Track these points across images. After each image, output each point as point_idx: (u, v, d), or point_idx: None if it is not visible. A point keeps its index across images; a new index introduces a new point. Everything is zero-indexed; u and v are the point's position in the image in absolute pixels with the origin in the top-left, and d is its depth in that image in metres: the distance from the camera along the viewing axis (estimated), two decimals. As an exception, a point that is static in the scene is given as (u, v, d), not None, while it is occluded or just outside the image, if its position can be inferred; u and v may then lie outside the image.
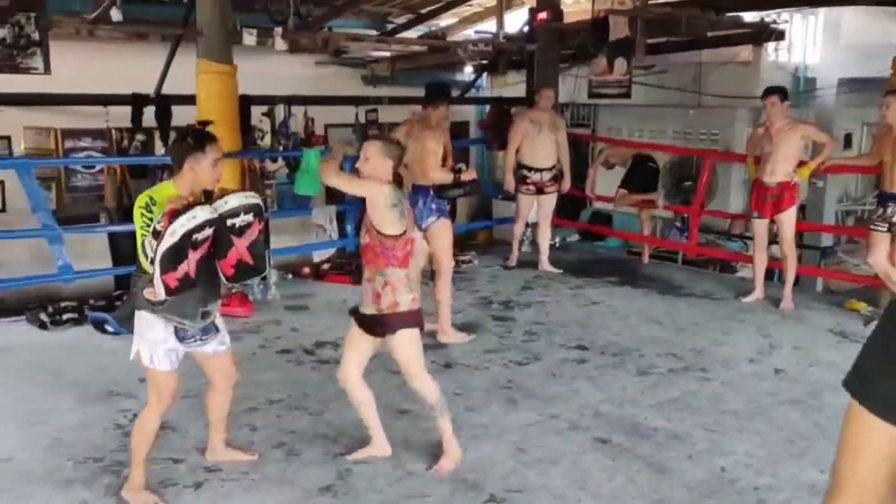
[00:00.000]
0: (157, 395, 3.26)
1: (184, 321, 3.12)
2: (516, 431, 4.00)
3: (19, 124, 8.54)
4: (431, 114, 5.40)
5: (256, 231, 3.17)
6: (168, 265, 2.90)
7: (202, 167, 3.11)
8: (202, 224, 2.95)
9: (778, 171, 6.01)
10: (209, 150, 3.12)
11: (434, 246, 5.28)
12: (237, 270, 3.16)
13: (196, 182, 3.14)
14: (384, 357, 5.03)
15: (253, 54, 7.44)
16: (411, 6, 10.52)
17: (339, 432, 3.97)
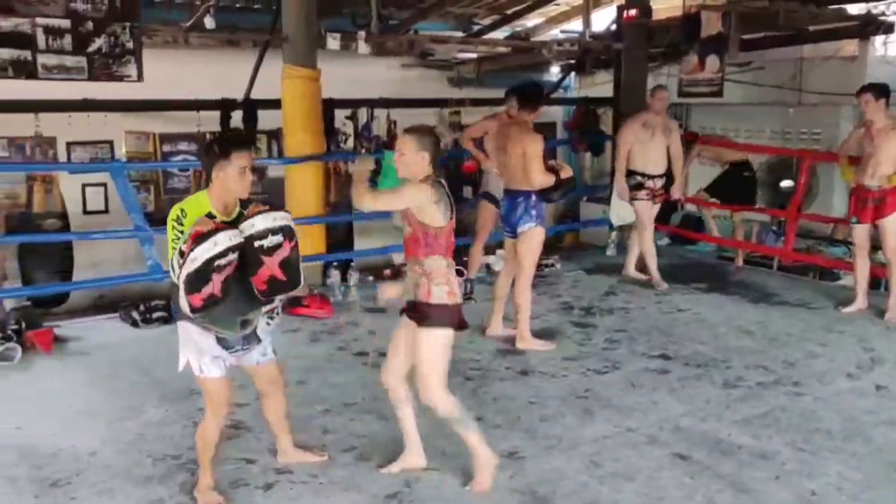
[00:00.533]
0: (212, 403, 3.27)
1: (222, 331, 3.10)
2: (591, 444, 3.87)
3: (121, 129, 8.93)
4: (527, 116, 5.22)
5: (287, 250, 3.07)
6: (192, 288, 2.87)
7: (228, 175, 3.02)
8: (224, 251, 2.88)
9: (880, 174, 5.64)
10: (235, 158, 3.02)
11: (521, 249, 5.17)
12: (269, 286, 3.07)
13: (226, 191, 3.06)
14: (459, 363, 5.00)
15: (339, 58, 7.53)
16: (497, 7, 10.43)
17: (410, 438, 3.92)
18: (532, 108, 5.22)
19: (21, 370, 5.02)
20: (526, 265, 5.20)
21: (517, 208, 5.13)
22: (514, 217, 5.15)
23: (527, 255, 5.18)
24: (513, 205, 5.17)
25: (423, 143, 3.28)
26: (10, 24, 5.55)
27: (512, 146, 5.11)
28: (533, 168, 4.98)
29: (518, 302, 5.27)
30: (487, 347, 5.35)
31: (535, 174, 4.99)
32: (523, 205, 5.12)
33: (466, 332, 5.50)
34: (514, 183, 5.15)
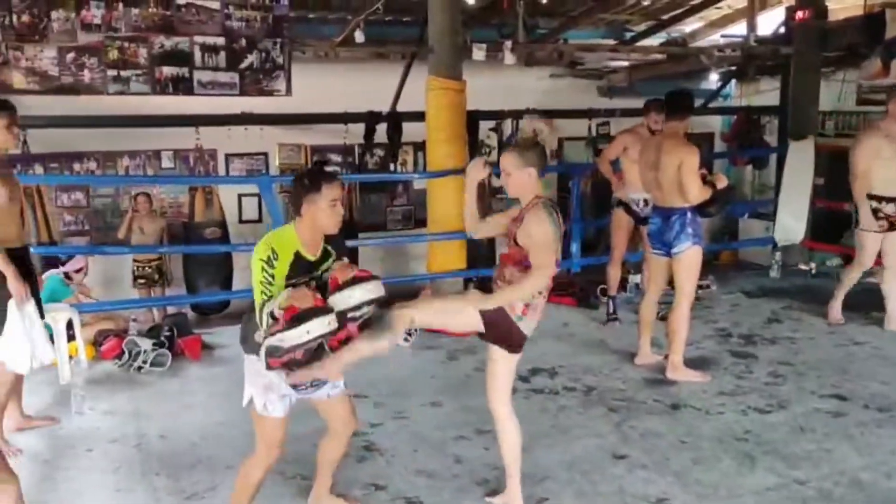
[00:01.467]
0: (266, 444, 3.06)
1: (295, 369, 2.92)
2: (752, 496, 3.45)
3: (275, 142, 9.26)
4: (678, 126, 4.83)
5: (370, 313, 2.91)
6: (274, 355, 2.73)
7: (319, 209, 2.85)
8: (315, 338, 2.72)
9: None
10: (326, 190, 2.85)
11: (678, 271, 4.79)
12: (342, 345, 2.88)
13: (315, 227, 2.90)
14: (604, 392, 4.68)
15: (486, 69, 7.40)
16: (652, 12, 9.96)
17: (548, 472, 3.67)
18: (682, 116, 4.85)
19: (170, 376, 5.18)
20: (685, 288, 4.81)
21: (672, 227, 4.75)
22: (669, 236, 4.77)
23: (686, 278, 4.80)
24: (667, 223, 4.78)
25: (527, 159, 3.08)
26: (171, 42, 5.80)
27: (667, 160, 4.70)
28: (690, 182, 4.60)
29: (674, 328, 4.87)
30: (633, 376, 4.98)
31: (693, 188, 4.61)
32: (679, 223, 4.73)
33: (613, 358, 5.27)
34: (668, 200, 4.77)
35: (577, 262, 6.91)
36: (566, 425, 4.24)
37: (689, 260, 4.75)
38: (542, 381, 4.91)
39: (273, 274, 2.79)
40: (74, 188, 8.90)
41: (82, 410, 4.54)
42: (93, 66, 5.64)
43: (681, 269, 4.78)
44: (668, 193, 4.76)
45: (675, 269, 4.81)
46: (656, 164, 4.80)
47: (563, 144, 10.36)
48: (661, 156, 4.76)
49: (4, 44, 5.47)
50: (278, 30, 6.08)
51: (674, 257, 4.78)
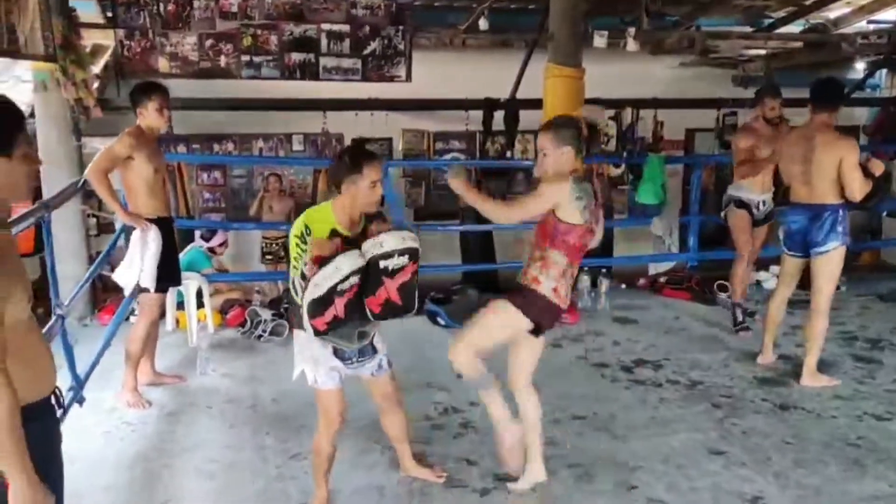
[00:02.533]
0: (326, 416, 3.14)
1: (341, 342, 2.98)
2: (857, 503, 3.28)
3: (398, 127, 9.51)
4: (828, 119, 4.46)
5: (409, 273, 2.91)
6: (316, 312, 2.78)
7: (359, 189, 2.90)
8: (346, 276, 2.77)
9: None
10: (367, 171, 2.89)
11: (821, 271, 4.50)
12: (383, 309, 2.92)
13: (354, 206, 2.93)
14: (710, 387, 4.55)
15: (609, 57, 7.30)
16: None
17: (640, 463, 3.63)
18: (831, 107, 4.46)
19: (286, 346, 5.44)
20: (826, 289, 4.53)
21: (822, 225, 4.44)
22: (819, 235, 4.45)
23: (829, 280, 4.51)
24: (816, 221, 4.45)
25: (563, 137, 3.01)
26: (300, 30, 6.09)
27: (823, 155, 4.37)
28: (854, 179, 4.29)
29: (815, 333, 4.60)
30: (743, 374, 4.82)
31: (857, 185, 4.30)
32: (830, 220, 4.42)
33: (724, 355, 5.11)
34: (820, 196, 4.44)
35: (693, 256, 6.72)
36: (666, 418, 4.18)
37: (835, 260, 4.48)
38: (646, 373, 4.84)
39: (304, 249, 2.84)
40: (214, 168, 9.50)
41: (206, 371, 4.89)
42: (229, 52, 6.01)
43: (825, 270, 4.49)
44: (819, 190, 4.44)
45: (817, 269, 4.51)
46: (807, 158, 4.46)
47: (695, 136, 10.05)
48: (813, 150, 4.42)
49: (152, 31, 5.91)
50: (401, 17, 6.26)
51: (818, 257, 4.49)
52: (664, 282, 6.69)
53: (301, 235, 2.86)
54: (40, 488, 1.77)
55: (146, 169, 4.27)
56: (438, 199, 9.90)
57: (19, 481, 1.72)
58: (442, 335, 5.63)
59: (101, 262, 5.10)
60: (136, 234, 4.27)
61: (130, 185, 4.32)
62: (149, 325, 4.47)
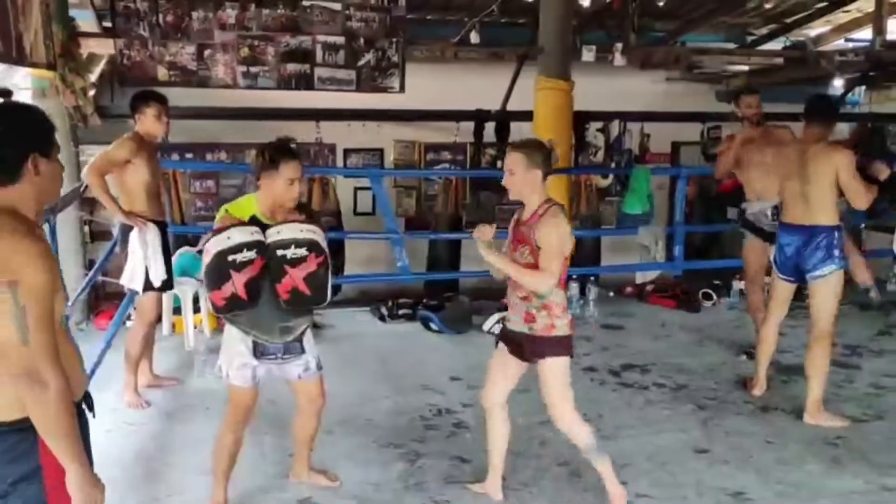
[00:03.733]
0: (233, 412, 3.19)
1: (260, 335, 3.03)
2: (834, 498, 3.44)
3: (390, 138, 9.64)
4: (819, 133, 4.18)
5: (314, 265, 2.94)
6: (212, 284, 2.84)
7: (276, 185, 2.96)
8: (238, 246, 2.82)
9: None
10: (283, 168, 2.94)
11: (819, 296, 4.20)
12: (292, 297, 2.96)
13: (272, 200, 3.00)
14: (695, 391, 4.70)
15: (597, 71, 7.47)
16: (775, 16, 9.72)
17: (628, 460, 3.77)
18: (823, 121, 4.20)
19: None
20: (825, 317, 4.21)
21: (816, 248, 4.13)
22: (812, 259, 4.15)
23: (827, 307, 4.20)
24: (810, 243, 4.15)
25: (534, 160, 3.01)
26: (296, 41, 6.23)
27: (818, 168, 4.07)
28: (856, 188, 4.00)
29: (817, 365, 4.24)
30: (727, 377, 4.97)
31: (861, 194, 4.01)
32: (825, 243, 4.12)
33: (708, 360, 5.27)
34: (814, 216, 4.15)
35: (679, 265, 6.88)
36: (652, 418, 4.32)
37: (832, 285, 4.17)
38: (633, 377, 4.99)
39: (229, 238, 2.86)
40: (206, 176, 9.58)
41: (203, 374, 4.98)
42: (227, 62, 6.14)
43: (823, 296, 4.19)
44: (814, 209, 4.14)
45: (814, 295, 4.23)
46: (802, 174, 4.16)
47: (679, 149, 10.24)
48: (807, 164, 4.12)
49: (151, 40, 6.03)
50: (395, 30, 6.41)
51: (814, 283, 4.20)
52: (651, 290, 6.85)
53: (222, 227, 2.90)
54: (93, 474, 1.85)
55: (144, 173, 4.38)
56: (429, 210, 10.04)
57: (73, 467, 1.78)
58: (435, 340, 5.77)
59: (101, 266, 5.19)
60: (134, 235, 4.37)
61: (128, 189, 4.42)
62: (146, 327, 4.56)
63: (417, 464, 3.75)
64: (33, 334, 1.72)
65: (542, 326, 3.10)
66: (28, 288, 1.72)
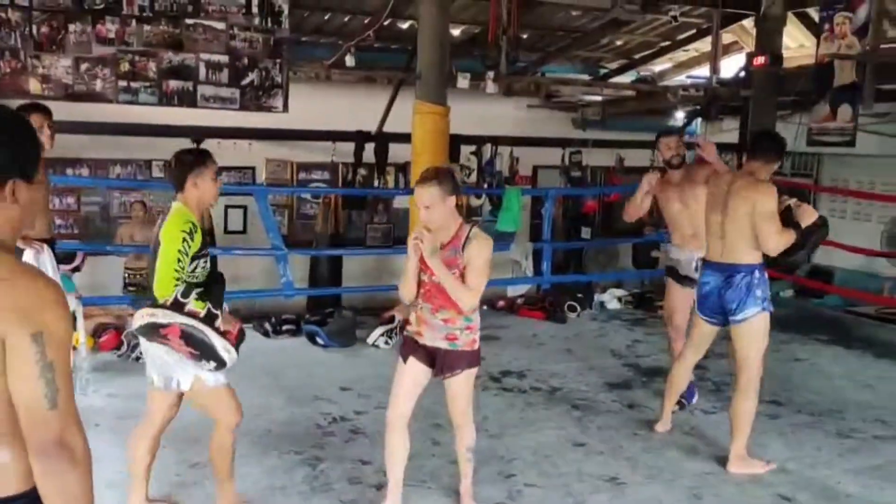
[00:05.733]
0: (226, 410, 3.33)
1: None
2: (692, 478, 3.93)
3: (263, 157, 9.67)
4: (757, 168, 3.91)
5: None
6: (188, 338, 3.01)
7: (206, 180, 3.10)
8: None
9: None
10: (210, 163, 3.13)
11: (744, 342, 3.91)
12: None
13: (202, 199, 3.14)
14: (568, 393, 5.14)
15: (469, 97, 7.93)
16: (625, 52, 10.62)
17: (515, 455, 4.12)
18: (765, 157, 3.92)
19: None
20: (749, 364, 3.92)
21: (736, 289, 3.86)
22: (733, 301, 3.87)
23: (751, 352, 3.91)
24: (728, 283, 3.88)
25: (446, 189, 3.09)
26: (178, 58, 6.24)
27: (736, 202, 3.83)
28: (766, 230, 3.74)
29: (741, 411, 3.96)
30: (595, 381, 5.46)
31: (771, 238, 3.75)
32: (745, 283, 3.85)
33: (577, 366, 5.74)
34: (733, 253, 3.89)
35: (546, 279, 7.40)
36: (532, 418, 4.71)
37: (755, 328, 3.88)
38: (512, 382, 5.37)
39: (190, 246, 3.01)
40: (66, 193, 9.21)
41: (87, 392, 4.88)
42: (105, 77, 6.05)
43: (746, 342, 3.90)
44: (733, 246, 3.88)
45: (735, 340, 3.95)
46: (724, 209, 3.90)
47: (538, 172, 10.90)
48: (728, 199, 3.88)
49: (24, 52, 5.85)
50: (278, 51, 6.54)
51: (735, 326, 3.92)
52: (521, 303, 7.32)
53: (189, 232, 3.02)
54: None
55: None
56: (302, 228, 10.13)
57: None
58: (322, 353, 5.93)
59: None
60: (28, 256, 4.26)
61: None
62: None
63: (320, 468, 3.92)
64: (62, 394, 1.44)
65: (464, 342, 3.24)
66: (53, 338, 1.43)
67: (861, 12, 7.47)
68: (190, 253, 3.01)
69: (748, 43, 9.53)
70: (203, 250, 3.11)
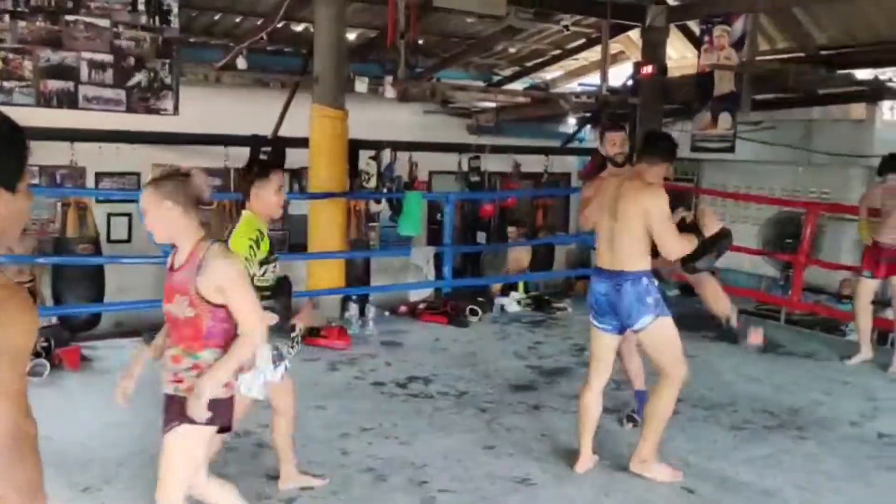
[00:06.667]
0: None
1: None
2: (601, 476, 4.00)
3: (149, 161, 9.24)
4: (646, 171, 3.77)
5: None
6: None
7: (269, 192, 3.29)
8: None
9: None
10: (273, 176, 3.33)
11: (650, 348, 3.82)
12: None
13: (265, 209, 3.32)
14: (475, 396, 5.15)
15: (366, 102, 7.86)
16: (518, 59, 10.84)
17: (427, 462, 4.08)
18: (655, 159, 3.78)
19: (49, 385, 5.18)
20: (666, 362, 3.78)
21: (625, 297, 3.68)
22: (625, 310, 3.70)
23: (663, 355, 3.78)
24: (617, 292, 3.70)
25: (164, 192, 2.56)
26: (57, 57, 5.87)
27: (625, 206, 3.67)
28: (664, 234, 3.61)
29: (655, 412, 3.84)
30: (500, 383, 5.49)
31: (670, 242, 3.62)
32: (633, 292, 3.67)
33: (482, 369, 5.77)
34: (620, 260, 3.71)
35: (448, 283, 7.41)
36: (441, 423, 4.68)
37: (657, 333, 3.74)
38: (418, 388, 5.33)
39: (256, 253, 3.22)
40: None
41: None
42: (-26, 75, 5.62)
43: (652, 347, 3.79)
44: (621, 251, 3.70)
45: (644, 347, 3.89)
46: (612, 212, 3.74)
47: (432, 177, 10.94)
48: (617, 202, 3.71)
49: None
50: (168, 51, 6.27)
51: (640, 335, 3.81)
52: (423, 308, 7.30)
53: (256, 240, 3.22)
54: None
55: None
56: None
57: None
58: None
59: None
60: None
61: None
62: None
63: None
64: None
65: (187, 387, 2.63)
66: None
67: (738, 26, 7.92)
68: (256, 259, 3.22)
69: (634, 53, 9.93)
70: (271, 256, 3.33)
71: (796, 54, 8.78)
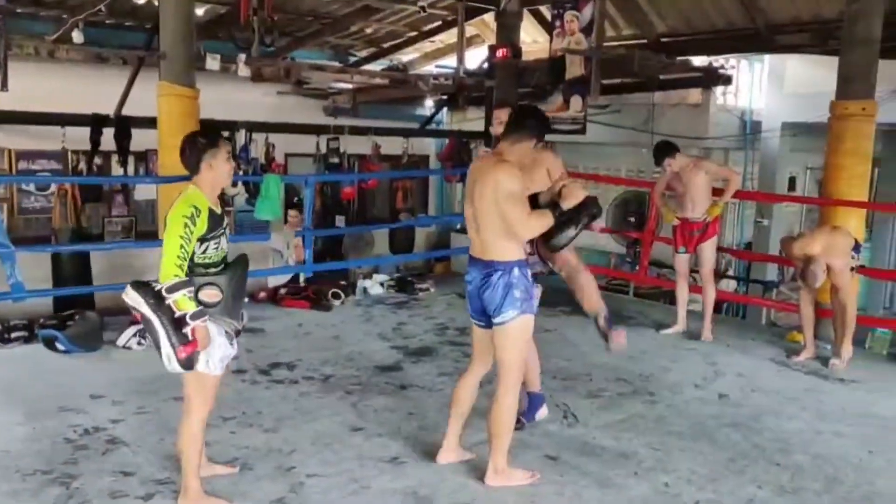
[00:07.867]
0: (203, 400, 3.31)
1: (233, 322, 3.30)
2: (469, 449, 4.06)
3: (-30, 144, 8.47)
4: (509, 149, 3.56)
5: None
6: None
7: (219, 162, 3.20)
8: None
9: (700, 209, 6.35)
10: (222, 144, 3.25)
11: (502, 346, 3.57)
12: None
13: (217, 181, 3.23)
14: (341, 379, 5.08)
15: (217, 81, 7.54)
16: (374, 40, 10.75)
17: (294, 447, 4.00)
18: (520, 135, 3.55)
19: None
20: (507, 368, 3.58)
21: (493, 289, 3.49)
22: (491, 302, 3.51)
23: (510, 356, 3.57)
24: (486, 283, 3.51)
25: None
26: None
27: (483, 186, 3.45)
28: (510, 211, 3.37)
29: (498, 420, 3.62)
30: (366, 365, 5.46)
31: (518, 219, 3.39)
32: (502, 284, 3.47)
33: (346, 352, 5.71)
34: (486, 250, 3.53)
35: (309, 267, 7.28)
36: (308, 408, 4.60)
37: (513, 332, 3.53)
38: (283, 373, 5.21)
39: (192, 231, 3.07)
40: None
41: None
42: None
43: (501, 347, 3.56)
44: (487, 239, 3.50)
45: (496, 343, 3.58)
46: (471, 193, 3.56)
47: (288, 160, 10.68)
48: (475, 185, 3.52)
49: None
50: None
51: (495, 328, 3.55)
52: (284, 293, 7.13)
53: (191, 216, 3.06)
54: None
55: None
56: (25, 224, 9.03)
57: None
58: (64, 360, 5.33)
59: None
60: None
61: None
62: None
63: (74, 485, 3.51)
64: None
65: None
66: None
67: (587, 12, 8.23)
68: (194, 236, 3.07)
69: (489, 36, 10.11)
70: (211, 232, 3.14)
71: (640, 41, 9.25)
